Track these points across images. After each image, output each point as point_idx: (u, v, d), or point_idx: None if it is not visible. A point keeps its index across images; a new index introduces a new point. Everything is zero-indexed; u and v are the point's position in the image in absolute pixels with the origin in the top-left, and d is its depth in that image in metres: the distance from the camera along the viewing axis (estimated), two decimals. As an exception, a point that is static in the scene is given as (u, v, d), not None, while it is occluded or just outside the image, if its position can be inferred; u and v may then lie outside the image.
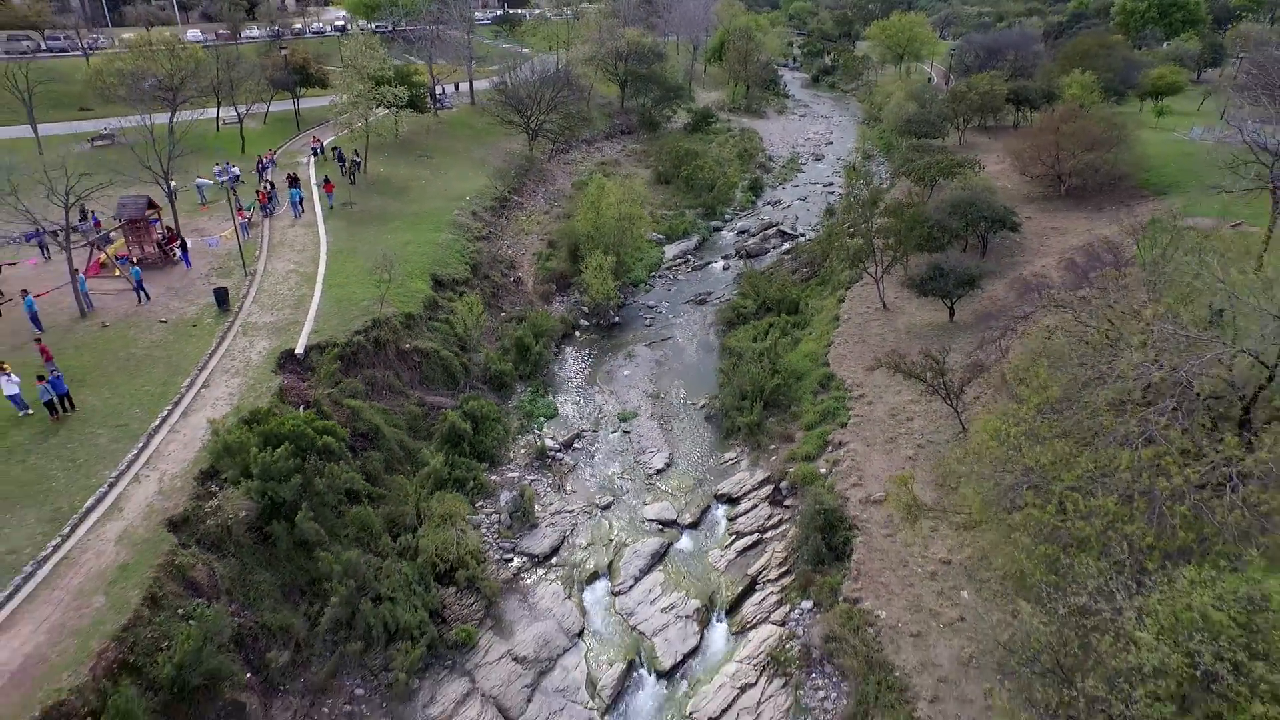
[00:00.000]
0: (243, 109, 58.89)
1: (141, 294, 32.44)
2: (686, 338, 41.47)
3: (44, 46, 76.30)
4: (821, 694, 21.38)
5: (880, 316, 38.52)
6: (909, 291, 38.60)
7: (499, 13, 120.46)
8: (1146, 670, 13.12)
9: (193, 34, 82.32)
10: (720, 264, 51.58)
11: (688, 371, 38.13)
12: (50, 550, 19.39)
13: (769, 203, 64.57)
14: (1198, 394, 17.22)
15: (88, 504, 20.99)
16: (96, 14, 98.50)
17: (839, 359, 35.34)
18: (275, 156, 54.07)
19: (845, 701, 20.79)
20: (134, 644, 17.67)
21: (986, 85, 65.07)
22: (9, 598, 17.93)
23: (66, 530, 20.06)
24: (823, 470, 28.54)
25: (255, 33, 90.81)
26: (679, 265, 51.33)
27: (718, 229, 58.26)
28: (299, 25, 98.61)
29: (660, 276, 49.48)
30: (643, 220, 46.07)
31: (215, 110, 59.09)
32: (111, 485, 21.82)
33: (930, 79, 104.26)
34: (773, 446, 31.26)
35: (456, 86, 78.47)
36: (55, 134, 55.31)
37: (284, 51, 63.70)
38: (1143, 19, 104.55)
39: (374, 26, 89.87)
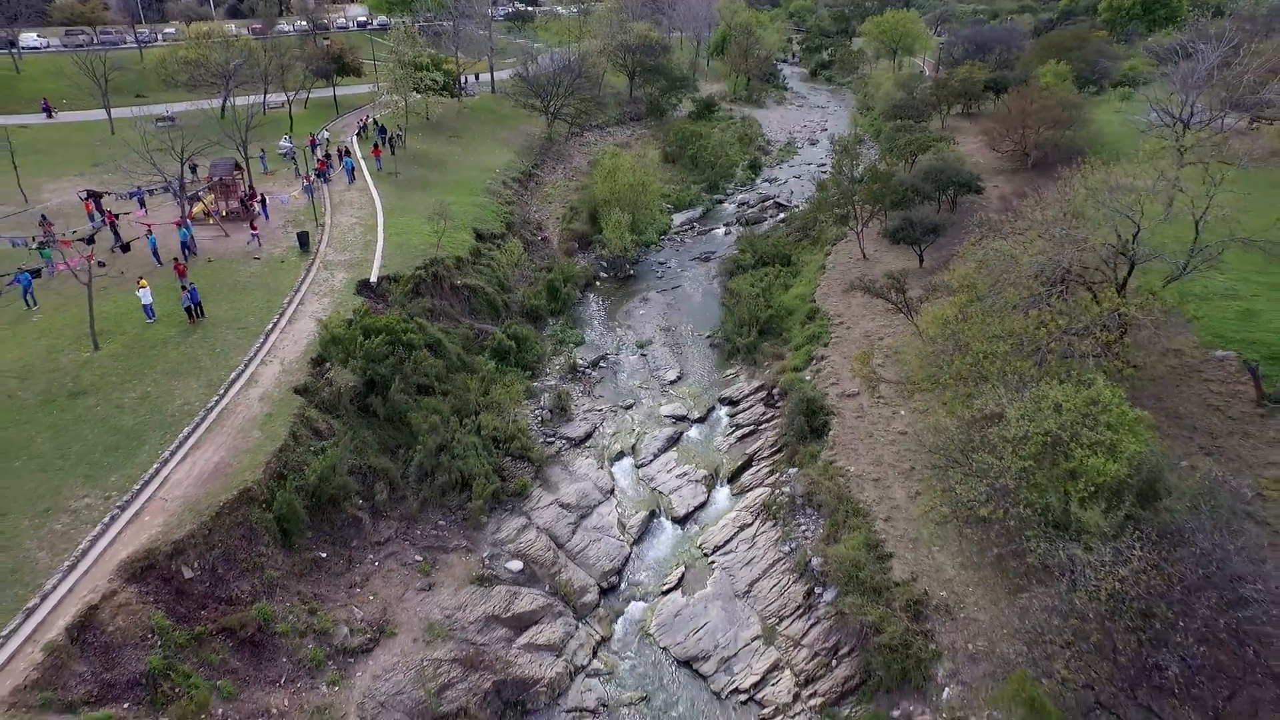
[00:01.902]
0: (290, 94, 64.98)
1: (186, 253, 36.20)
2: (693, 286, 47.58)
3: (96, 40, 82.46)
4: (804, 527, 27.39)
5: (861, 265, 44.47)
6: (886, 243, 44.69)
7: (511, 9, 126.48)
8: (1014, 436, 19.17)
9: (228, 28, 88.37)
10: (722, 230, 57.63)
11: (695, 311, 44.22)
12: (213, 404, 25.49)
13: (767, 180, 70.69)
14: (1075, 275, 23.23)
15: (231, 376, 27.10)
16: (134, 9, 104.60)
17: (824, 297, 41.37)
18: (319, 139, 59.99)
19: (821, 530, 26.81)
20: (286, 462, 23.78)
21: (965, 73, 71.07)
22: (194, 429, 24.05)
23: (221, 392, 26.15)
24: (808, 377, 34.58)
25: (284, 27, 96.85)
26: (685, 231, 57.40)
27: (720, 201, 64.41)
28: (324, 21, 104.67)
29: (669, 240, 55.54)
30: (654, 187, 52.07)
31: (263, 96, 65.13)
32: (246, 365, 27.92)
33: (922, 72, 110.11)
34: (767, 363, 37.28)
35: (477, 77, 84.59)
36: (119, 117, 61.42)
37: (326, 42, 69.72)
38: (1127, 15, 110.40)
39: (393, 23, 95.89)
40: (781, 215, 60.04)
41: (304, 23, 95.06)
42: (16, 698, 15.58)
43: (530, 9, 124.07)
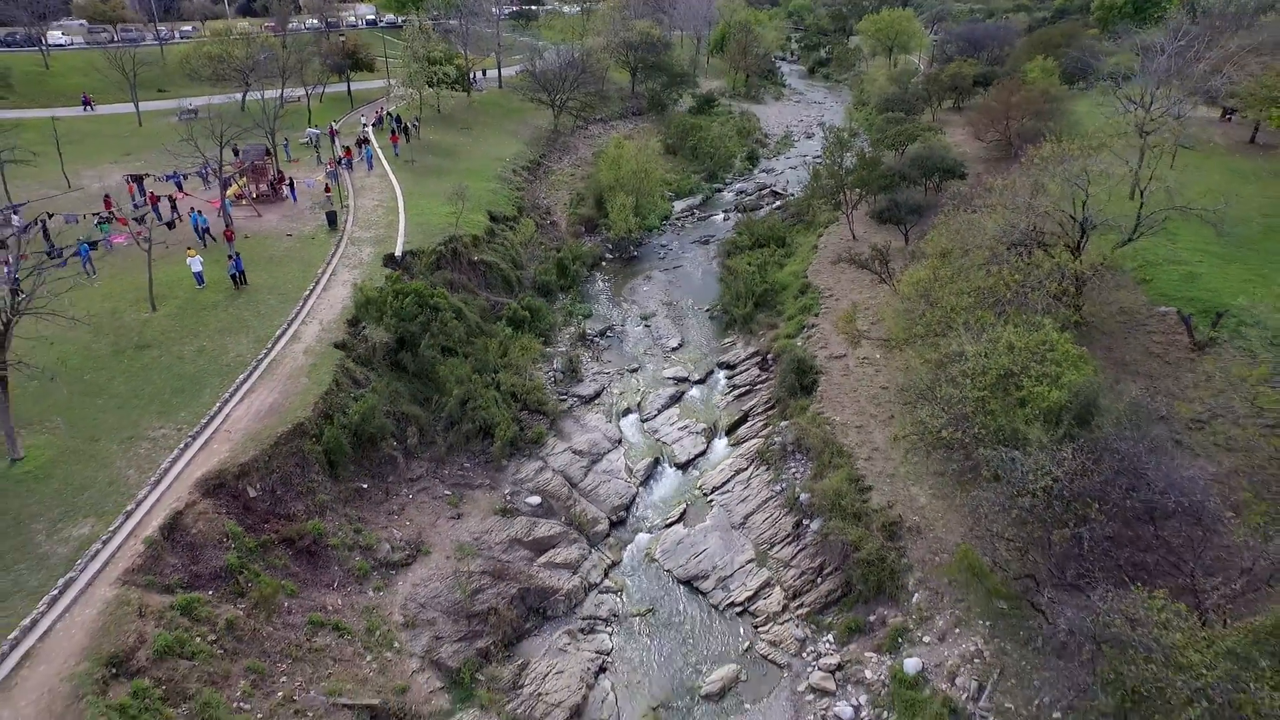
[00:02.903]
0: (308, 88, 67.93)
1: (206, 236, 38.46)
2: (693, 266, 50.55)
3: (117, 38, 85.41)
4: (793, 469, 30.33)
5: (850, 244, 47.38)
6: (875, 225, 47.63)
7: (515, 8, 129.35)
8: (972, 370, 22.11)
9: (242, 26, 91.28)
10: (721, 216, 60.60)
11: (695, 288, 47.19)
12: (263, 356, 28.45)
13: (764, 171, 73.69)
14: (1034, 239, 26.18)
15: (277, 334, 30.06)
16: (150, 8, 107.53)
17: (816, 274, 44.30)
18: (338, 129, 63.05)
19: (809, 471, 29.74)
20: (331, 404, 26.73)
21: (955, 69, 74.01)
22: (248, 376, 27.03)
23: (269, 346, 29.12)
24: (799, 343, 37.52)
25: (295, 25, 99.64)
26: (686, 217, 60.37)
27: (719, 190, 67.42)
28: (336, 19, 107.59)
29: (670, 225, 58.50)
30: (656, 174, 54.99)
31: (280, 90, 67.96)
32: (289, 325, 30.88)
33: (918, 68, 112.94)
34: (762, 332, 40.23)
35: (484, 73, 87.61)
36: (145, 110, 64.37)
37: (341, 39, 72.69)
38: (1119, 14, 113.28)
39: (401, 21, 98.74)
40: (778, 202, 62.97)
41: (315, 20, 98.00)
42: (128, 578, 18.55)
43: (533, 7, 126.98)
